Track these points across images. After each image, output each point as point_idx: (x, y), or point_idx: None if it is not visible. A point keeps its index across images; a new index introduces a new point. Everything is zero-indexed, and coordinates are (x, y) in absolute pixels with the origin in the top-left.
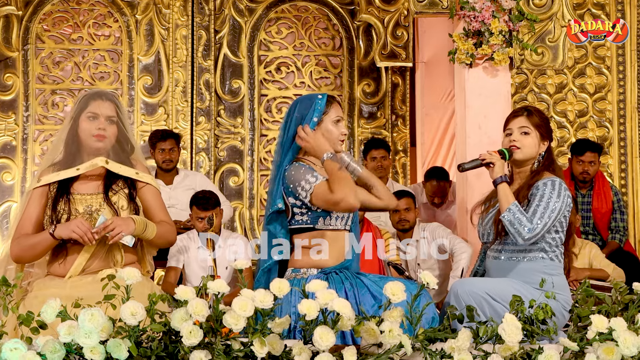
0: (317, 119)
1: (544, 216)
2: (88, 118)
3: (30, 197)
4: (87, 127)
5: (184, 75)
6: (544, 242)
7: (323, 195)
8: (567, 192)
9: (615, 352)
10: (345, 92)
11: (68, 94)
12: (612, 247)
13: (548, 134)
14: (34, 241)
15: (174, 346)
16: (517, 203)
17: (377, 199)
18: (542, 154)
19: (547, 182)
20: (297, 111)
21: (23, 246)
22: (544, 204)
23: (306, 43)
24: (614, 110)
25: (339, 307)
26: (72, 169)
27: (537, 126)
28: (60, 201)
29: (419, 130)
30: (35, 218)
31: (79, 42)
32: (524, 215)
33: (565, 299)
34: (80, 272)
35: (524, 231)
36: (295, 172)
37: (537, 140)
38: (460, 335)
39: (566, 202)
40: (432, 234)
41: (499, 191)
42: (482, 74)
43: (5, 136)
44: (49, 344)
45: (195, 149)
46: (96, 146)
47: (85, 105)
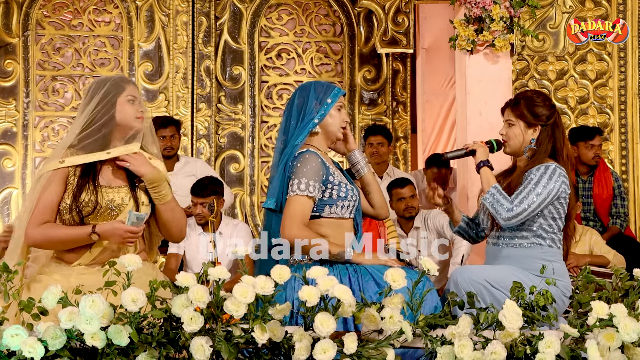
0: (330, 100)
1: (526, 199)
2: (128, 101)
3: (49, 179)
4: (130, 109)
5: (184, 61)
6: (540, 229)
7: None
8: (562, 177)
9: (615, 338)
10: (345, 79)
11: (68, 81)
12: (612, 233)
13: (536, 120)
14: (64, 236)
15: (174, 332)
16: (497, 185)
17: (370, 207)
18: (533, 140)
19: (541, 167)
20: (315, 91)
21: (50, 237)
22: (529, 188)
23: (307, 29)
24: (615, 97)
25: (340, 294)
26: (103, 152)
27: (520, 116)
28: (85, 190)
29: (420, 116)
30: (55, 203)
31: (79, 29)
32: (505, 197)
33: (565, 285)
34: (90, 261)
35: (503, 211)
36: (301, 165)
37: (523, 129)
38: (461, 322)
39: (560, 188)
40: (433, 221)
41: (480, 175)
42: (483, 60)
43: (5, 122)
44: (50, 330)
45: (196, 136)
46: (139, 127)
47: (122, 88)
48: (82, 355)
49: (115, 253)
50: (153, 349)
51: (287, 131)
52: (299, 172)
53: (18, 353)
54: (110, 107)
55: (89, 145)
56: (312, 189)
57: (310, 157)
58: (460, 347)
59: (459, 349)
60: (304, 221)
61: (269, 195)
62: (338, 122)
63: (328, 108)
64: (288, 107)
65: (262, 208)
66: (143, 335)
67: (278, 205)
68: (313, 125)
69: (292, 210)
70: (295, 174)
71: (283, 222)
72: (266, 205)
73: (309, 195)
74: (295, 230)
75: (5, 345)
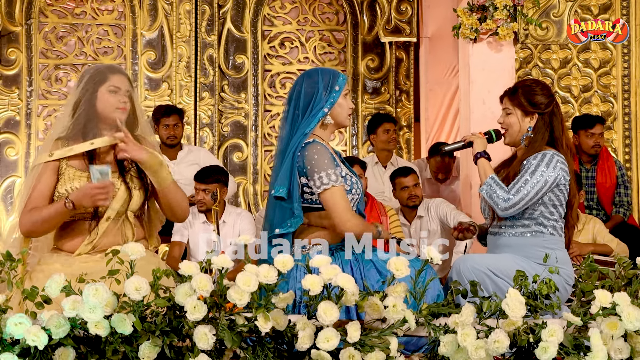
0: (338, 87)
1: (523, 188)
2: (110, 91)
3: (40, 171)
4: (111, 100)
5: (187, 50)
6: (541, 217)
7: (333, 203)
8: (560, 164)
9: (618, 326)
10: (349, 68)
11: (71, 69)
12: (616, 221)
13: (534, 108)
14: (46, 215)
15: (178, 321)
16: (494, 176)
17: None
18: (530, 127)
19: (538, 155)
20: (323, 80)
21: (35, 220)
22: (526, 177)
23: (310, 18)
24: (619, 85)
25: (343, 282)
26: (86, 143)
27: (518, 104)
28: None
29: (423, 105)
30: (47, 193)
31: (82, 17)
32: (501, 187)
33: (567, 273)
34: (90, 249)
35: (500, 201)
36: (319, 157)
37: (520, 117)
38: (464, 311)
39: (558, 175)
40: (436, 209)
41: (478, 167)
42: (486, 49)
43: (8, 111)
44: (54, 319)
45: (199, 125)
46: (121, 118)
47: (105, 78)
48: (85, 344)
49: (115, 238)
50: (156, 337)
51: (294, 120)
52: (320, 164)
53: (22, 341)
54: (91, 97)
55: (77, 135)
56: (335, 177)
57: (322, 148)
58: (463, 335)
59: (462, 338)
60: (351, 209)
61: (278, 183)
62: (346, 110)
63: (337, 96)
64: (294, 95)
65: (266, 197)
66: (146, 323)
67: (290, 194)
68: (323, 114)
69: (338, 201)
70: (317, 166)
71: (337, 216)
72: (277, 194)
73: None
74: (354, 219)
75: (8, 334)
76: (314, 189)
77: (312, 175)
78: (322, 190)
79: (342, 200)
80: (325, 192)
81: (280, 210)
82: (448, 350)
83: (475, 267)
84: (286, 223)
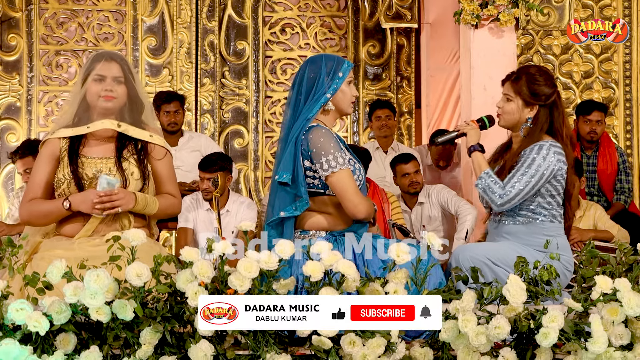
0: (342, 74)
1: (519, 182)
2: (94, 80)
3: (37, 160)
4: (95, 89)
5: (188, 36)
6: (539, 207)
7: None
8: (557, 155)
9: (619, 312)
10: (350, 54)
11: (72, 55)
12: (617, 209)
13: (535, 99)
14: (45, 210)
15: (179, 307)
16: (489, 171)
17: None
18: (529, 118)
19: (535, 147)
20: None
21: (33, 212)
22: (521, 171)
23: (311, 4)
24: (620, 71)
25: (344, 269)
26: (83, 127)
27: (519, 93)
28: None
29: (424, 91)
30: (45, 181)
31: (82, 3)
32: (496, 182)
33: (567, 259)
34: (89, 235)
35: (495, 198)
36: (325, 140)
37: (520, 106)
38: (465, 297)
39: (555, 166)
40: (437, 195)
41: (472, 160)
42: (487, 35)
43: (9, 97)
44: (55, 305)
45: (200, 111)
46: (105, 106)
47: (92, 67)
48: (87, 330)
49: (113, 225)
50: (158, 323)
51: (297, 105)
52: (326, 147)
53: (23, 327)
54: (83, 87)
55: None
56: (342, 160)
57: (327, 131)
58: (464, 321)
59: (463, 324)
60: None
61: (282, 169)
62: (349, 97)
63: (340, 82)
64: (297, 80)
65: (267, 183)
66: (148, 310)
67: (294, 179)
68: (325, 100)
69: (347, 184)
70: (323, 149)
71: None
72: (281, 179)
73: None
74: (364, 202)
75: (10, 320)
76: (320, 172)
77: (318, 159)
78: (330, 173)
79: (351, 183)
80: (333, 175)
81: (284, 195)
82: (449, 336)
83: (473, 257)
84: (291, 207)
